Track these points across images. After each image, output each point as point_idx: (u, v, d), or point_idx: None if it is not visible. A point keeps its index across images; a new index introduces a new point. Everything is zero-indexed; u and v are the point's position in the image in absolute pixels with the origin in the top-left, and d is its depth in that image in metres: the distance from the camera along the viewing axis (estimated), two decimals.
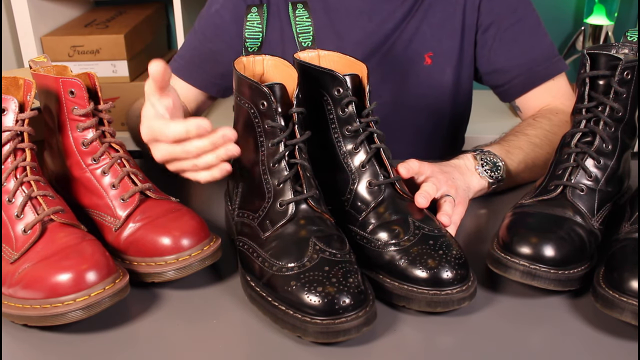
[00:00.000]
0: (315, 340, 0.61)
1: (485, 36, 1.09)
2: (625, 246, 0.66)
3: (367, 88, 0.73)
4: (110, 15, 1.93)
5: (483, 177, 0.86)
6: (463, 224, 0.81)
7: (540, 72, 1.07)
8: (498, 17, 1.07)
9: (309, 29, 0.79)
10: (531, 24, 1.08)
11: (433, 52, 1.10)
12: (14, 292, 0.64)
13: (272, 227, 0.68)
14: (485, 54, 1.10)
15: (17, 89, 0.71)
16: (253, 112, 0.69)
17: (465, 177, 0.84)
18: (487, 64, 1.10)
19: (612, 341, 0.63)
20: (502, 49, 1.08)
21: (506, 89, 1.10)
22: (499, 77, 1.10)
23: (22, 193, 0.68)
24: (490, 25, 1.08)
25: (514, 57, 1.07)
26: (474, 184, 0.85)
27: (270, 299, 0.64)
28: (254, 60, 0.77)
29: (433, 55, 1.10)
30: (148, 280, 0.70)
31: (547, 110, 1.04)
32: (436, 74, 1.11)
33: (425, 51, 1.10)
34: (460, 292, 0.65)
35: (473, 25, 1.09)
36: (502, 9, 1.07)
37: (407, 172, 0.77)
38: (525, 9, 1.08)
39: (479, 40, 1.10)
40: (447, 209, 0.77)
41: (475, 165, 0.86)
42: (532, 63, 1.06)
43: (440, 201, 0.78)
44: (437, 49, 1.10)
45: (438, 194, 0.78)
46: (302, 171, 0.69)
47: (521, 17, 1.07)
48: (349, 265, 0.64)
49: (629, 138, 0.77)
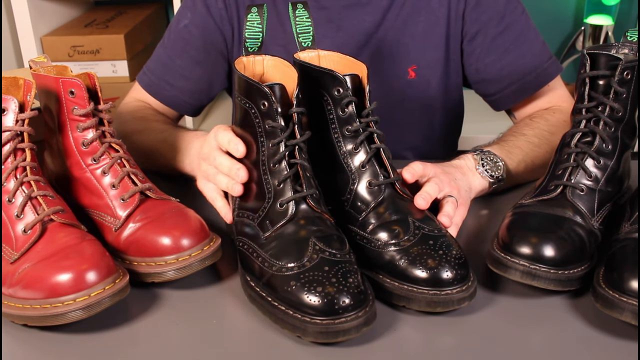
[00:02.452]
0: (315, 340, 0.61)
1: (472, 45, 1.05)
2: (625, 246, 0.66)
3: (367, 88, 0.73)
4: (110, 15, 1.93)
5: (484, 177, 0.86)
6: (463, 224, 0.81)
7: (531, 81, 1.03)
8: (484, 26, 1.03)
9: (309, 29, 0.79)
10: (520, 30, 1.03)
11: (417, 65, 1.06)
12: (14, 292, 0.64)
13: (272, 227, 0.68)
14: (473, 63, 1.06)
15: (17, 89, 0.71)
16: (254, 112, 0.69)
17: (467, 178, 0.84)
18: (476, 73, 1.07)
19: (612, 341, 0.63)
20: (490, 59, 1.04)
21: (497, 99, 1.07)
22: (488, 86, 1.07)
23: (22, 193, 0.68)
24: (477, 34, 1.04)
25: (504, 66, 1.03)
26: (475, 184, 0.85)
27: (270, 299, 0.64)
28: (254, 61, 0.77)
29: (417, 68, 1.06)
30: (148, 280, 0.70)
31: (544, 111, 1.03)
32: (421, 87, 1.07)
33: (408, 65, 1.06)
34: (460, 292, 0.65)
35: (458, 34, 1.05)
36: (488, 17, 1.03)
37: (411, 176, 0.77)
38: (513, 15, 1.03)
39: (466, 49, 1.06)
40: (449, 210, 0.76)
41: (476, 165, 0.86)
42: (524, 72, 1.03)
43: (442, 201, 0.78)
44: (420, 62, 1.06)
45: (440, 194, 0.77)
46: (302, 171, 0.69)
47: (509, 24, 1.03)
48: (348, 265, 0.64)
49: (629, 138, 0.77)
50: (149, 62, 1.10)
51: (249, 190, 0.72)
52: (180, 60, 1.06)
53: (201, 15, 1.05)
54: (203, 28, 1.05)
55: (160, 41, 1.10)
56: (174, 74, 1.07)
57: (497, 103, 1.08)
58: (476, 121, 1.57)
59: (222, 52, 1.08)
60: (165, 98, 1.08)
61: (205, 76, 1.08)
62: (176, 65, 1.07)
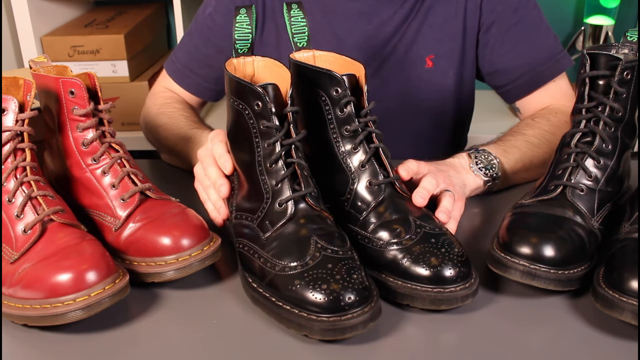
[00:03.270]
0: (322, 337, 0.61)
1: (487, 36, 1.08)
2: (625, 246, 0.66)
3: (364, 88, 0.73)
4: (110, 15, 1.92)
5: (477, 174, 0.87)
6: (463, 224, 0.81)
7: (544, 71, 1.06)
8: (499, 17, 1.06)
9: (304, 29, 0.79)
10: (533, 22, 1.07)
11: (434, 55, 1.09)
12: (14, 292, 0.64)
13: (272, 227, 0.68)
14: (487, 54, 1.09)
15: (17, 89, 0.71)
16: (247, 114, 0.69)
17: (460, 175, 0.85)
18: (489, 64, 1.09)
19: (612, 341, 0.63)
20: (504, 50, 1.07)
21: (509, 90, 1.09)
22: (501, 77, 1.09)
23: (22, 193, 0.68)
24: (492, 25, 1.07)
25: (517, 57, 1.06)
26: (469, 181, 0.86)
27: (274, 299, 0.64)
28: (244, 62, 0.77)
29: (434, 57, 1.09)
30: (148, 280, 0.70)
31: (546, 111, 1.04)
32: (438, 77, 1.10)
33: (426, 54, 1.09)
34: (463, 290, 0.65)
35: (475, 25, 1.08)
36: (503, 8, 1.06)
37: (407, 173, 0.77)
38: (526, 8, 1.06)
39: (481, 40, 1.09)
40: (447, 205, 0.77)
41: (469, 164, 0.87)
42: (535, 63, 1.05)
43: (440, 196, 0.78)
44: (438, 51, 1.09)
45: (437, 189, 0.78)
46: (299, 170, 0.69)
47: (523, 16, 1.06)
48: (351, 262, 0.64)
49: (629, 138, 0.77)
50: (176, 50, 1.15)
51: (247, 191, 0.72)
52: (205, 48, 1.10)
53: (224, 3, 1.08)
54: (225, 15, 1.07)
55: (188, 29, 1.14)
56: (199, 62, 1.11)
57: (509, 94, 1.10)
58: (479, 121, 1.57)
59: None
60: (190, 86, 1.12)
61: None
62: (201, 54, 1.11)
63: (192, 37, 1.12)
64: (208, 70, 1.11)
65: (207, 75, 1.11)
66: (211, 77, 1.12)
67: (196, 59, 1.11)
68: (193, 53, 1.11)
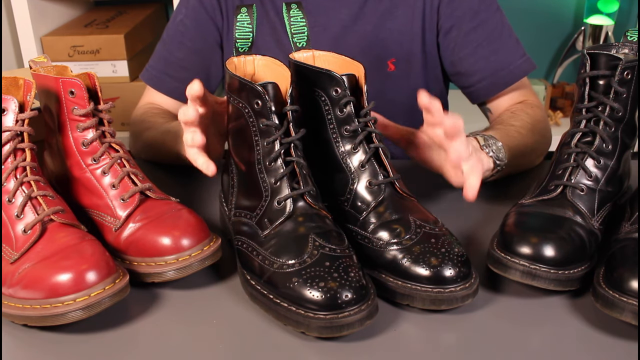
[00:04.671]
0: (320, 335, 0.62)
1: (447, 39, 1.08)
2: (625, 246, 0.66)
3: (364, 88, 0.73)
4: (110, 15, 1.93)
5: (490, 156, 0.86)
6: (463, 224, 0.81)
7: (504, 76, 1.06)
8: (458, 21, 1.06)
9: (304, 29, 0.80)
10: (494, 27, 1.06)
11: (396, 58, 1.09)
12: (14, 292, 0.64)
13: (271, 225, 0.68)
14: (448, 56, 1.09)
15: (17, 89, 0.71)
16: (247, 112, 0.69)
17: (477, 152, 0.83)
18: (451, 66, 1.10)
19: (612, 341, 0.63)
20: (464, 53, 1.07)
21: (472, 91, 1.10)
22: (463, 79, 1.10)
23: (22, 193, 0.68)
24: (451, 29, 1.07)
25: (477, 61, 1.06)
26: (485, 160, 0.84)
27: (272, 296, 0.64)
28: (244, 61, 0.77)
29: (396, 61, 1.09)
30: (148, 280, 0.70)
31: (522, 105, 1.05)
32: (402, 80, 1.10)
33: (387, 57, 1.09)
34: (463, 289, 0.65)
35: (434, 28, 1.08)
36: (462, 12, 1.06)
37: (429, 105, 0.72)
38: (487, 12, 1.06)
39: (442, 43, 1.09)
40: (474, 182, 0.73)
41: (481, 146, 0.86)
42: (496, 67, 1.05)
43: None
44: (399, 55, 1.09)
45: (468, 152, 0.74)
46: (298, 169, 0.69)
47: (483, 20, 1.06)
48: (349, 260, 0.64)
49: (629, 138, 0.77)
50: (151, 60, 1.16)
51: (246, 189, 0.72)
52: (178, 52, 1.12)
53: (194, 8, 1.11)
54: (196, 19, 1.11)
55: (160, 39, 1.16)
56: (174, 66, 1.12)
57: (472, 95, 1.11)
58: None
59: (217, 40, 1.13)
60: (169, 90, 1.13)
61: (202, 63, 1.13)
62: (175, 58, 1.12)
63: (165, 44, 1.14)
64: (184, 74, 1.11)
65: (184, 78, 1.09)
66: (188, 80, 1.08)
67: (171, 63, 1.12)
68: (167, 58, 1.13)
